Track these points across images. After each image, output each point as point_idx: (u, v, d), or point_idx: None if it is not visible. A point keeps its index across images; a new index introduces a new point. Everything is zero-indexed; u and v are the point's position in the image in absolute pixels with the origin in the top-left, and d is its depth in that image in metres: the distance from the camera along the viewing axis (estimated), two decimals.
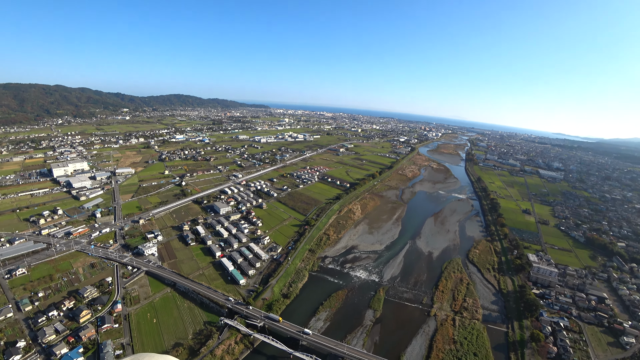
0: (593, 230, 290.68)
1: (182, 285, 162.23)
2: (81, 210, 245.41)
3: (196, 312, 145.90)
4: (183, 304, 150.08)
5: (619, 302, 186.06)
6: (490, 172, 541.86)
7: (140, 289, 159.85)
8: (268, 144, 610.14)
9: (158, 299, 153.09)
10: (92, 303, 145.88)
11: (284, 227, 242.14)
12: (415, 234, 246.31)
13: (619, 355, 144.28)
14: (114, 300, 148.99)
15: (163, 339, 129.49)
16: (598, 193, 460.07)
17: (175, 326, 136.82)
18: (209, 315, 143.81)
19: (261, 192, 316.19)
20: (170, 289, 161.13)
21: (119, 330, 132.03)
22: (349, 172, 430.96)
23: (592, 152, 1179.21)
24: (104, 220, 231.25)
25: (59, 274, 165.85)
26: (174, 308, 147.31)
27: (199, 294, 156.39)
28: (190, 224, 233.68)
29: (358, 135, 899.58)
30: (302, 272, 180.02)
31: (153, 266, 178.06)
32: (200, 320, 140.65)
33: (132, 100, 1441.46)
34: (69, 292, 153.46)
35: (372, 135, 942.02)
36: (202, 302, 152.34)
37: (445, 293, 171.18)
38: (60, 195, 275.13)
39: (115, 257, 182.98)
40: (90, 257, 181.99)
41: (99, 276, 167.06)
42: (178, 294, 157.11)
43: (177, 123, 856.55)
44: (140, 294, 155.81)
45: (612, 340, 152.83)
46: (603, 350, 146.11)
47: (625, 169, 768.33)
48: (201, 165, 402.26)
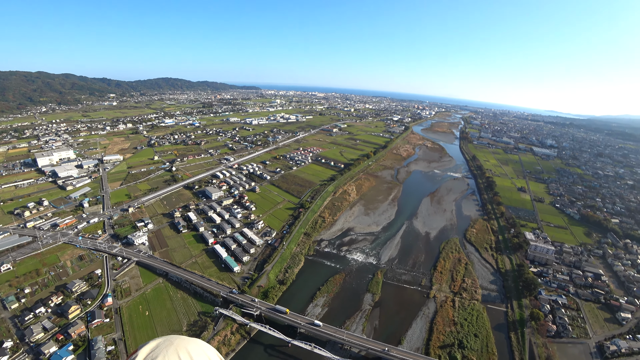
0: (587, 207, 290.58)
1: (175, 275, 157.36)
2: (68, 200, 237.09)
3: (190, 302, 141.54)
4: (176, 295, 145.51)
5: (614, 278, 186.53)
6: (485, 150, 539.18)
7: (131, 280, 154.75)
8: (260, 126, 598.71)
9: (150, 290, 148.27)
10: (81, 297, 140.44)
11: (278, 210, 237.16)
12: (411, 214, 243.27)
13: (615, 331, 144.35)
14: (104, 294, 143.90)
15: (156, 331, 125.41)
16: (591, 170, 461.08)
17: (169, 318, 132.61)
18: (203, 306, 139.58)
19: (254, 175, 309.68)
20: (163, 279, 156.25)
21: (110, 325, 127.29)
22: (343, 152, 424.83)
23: (584, 129, 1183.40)
24: (92, 210, 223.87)
25: (45, 268, 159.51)
26: (166, 299, 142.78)
27: (192, 283, 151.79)
28: (181, 210, 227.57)
29: (351, 115, 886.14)
30: (298, 256, 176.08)
31: (144, 256, 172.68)
32: (195, 311, 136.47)
33: (118, 85, 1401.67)
34: (56, 286, 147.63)
35: (366, 114, 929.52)
36: (195, 292, 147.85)
37: (444, 274, 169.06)
38: (45, 185, 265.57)
39: (105, 248, 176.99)
40: (78, 249, 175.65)
41: (87, 269, 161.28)
42: (170, 284, 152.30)
43: (166, 107, 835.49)
44: (131, 285, 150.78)
45: (609, 317, 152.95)
46: (600, 327, 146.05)
47: (616, 145, 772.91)
48: (192, 150, 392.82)
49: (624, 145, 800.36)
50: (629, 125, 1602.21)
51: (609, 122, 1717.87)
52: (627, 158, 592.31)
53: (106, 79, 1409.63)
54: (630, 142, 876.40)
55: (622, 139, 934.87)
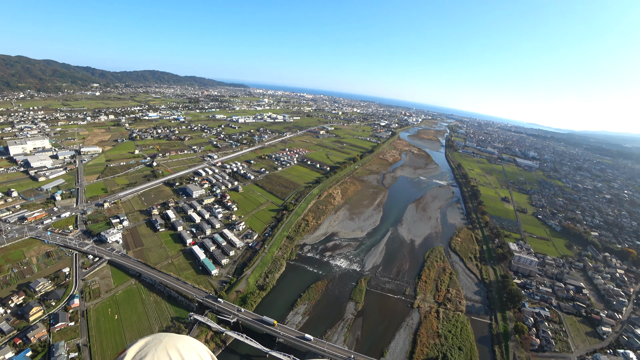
0: (568, 219, 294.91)
1: (149, 277, 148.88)
2: (39, 192, 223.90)
3: (163, 306, 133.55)
4: (149, 298, 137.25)
5: (594, 291, 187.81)
6: (470, 159, 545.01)
7: (101, 280, 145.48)
8: (246, 124, 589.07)
9: (121, 292, 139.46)
10: (45, 298, 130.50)
11: (260, 211, 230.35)
12: (397, 221, 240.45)
13: (597, 345, 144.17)
14: (70, 294, 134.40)
15: (125, 337, 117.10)
16: (571, 183, 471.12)
17: (139, 323, 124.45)
18: (177, 310, 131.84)
19: (237, 174, 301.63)
20: (135, 280, 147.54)
21: (74, 329, 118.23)
22: (329, 155, 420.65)
23: (564, 142, 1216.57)
24: (65, 204, 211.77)
25: (8, 264, 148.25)
26: (138, 302, 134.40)
27: (167, 286, 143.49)
28: (159, 207, 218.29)
29: (339, 118, 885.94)
30: (280, 261, 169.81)
31: (117, 255, 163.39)
32: (168, 316, 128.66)
33: (103, 75, 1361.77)
34: (19, 285, 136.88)
35: (353, 118, 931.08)
36: (170, 296, 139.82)
37: (429, 283, 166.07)
38: (16, 175, 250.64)
39: (75, 244, 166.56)
40: (46, 245, 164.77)
41: (55, 267, 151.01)
42: (143, 287, 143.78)
43: (151, 100, 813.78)
44: (101, 286, 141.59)
45: (590, 330, 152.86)
46: (582, 340, 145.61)
47: (594, 160, 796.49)
48: (175, 145, 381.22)
49: (601, 160, 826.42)
50: (606, 141, 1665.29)
51: (587, 137, 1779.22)
52: (604, 172, 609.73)
53: (90, 68, 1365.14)
54: (607, 158, 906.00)
55: (600, 154, 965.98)
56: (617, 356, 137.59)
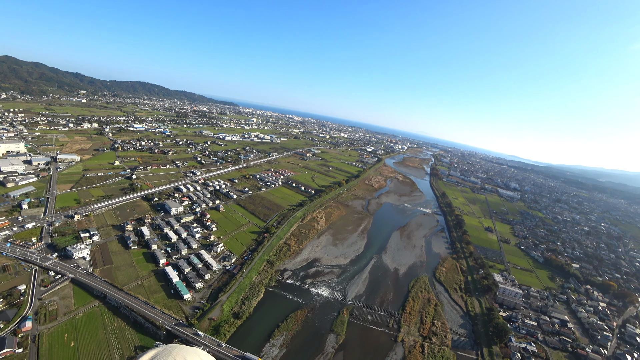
0: (550, 251, 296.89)
1: (114, 299, 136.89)
2: (5, 198, 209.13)
3: (127, 333, 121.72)
4: (112, 323, 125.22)
5: (579, 325, 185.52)
6: (454, 187, 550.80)
7: (61, 301, 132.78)
8: (233, 142, 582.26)
9: (81, 315, 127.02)
10: None
11: (241, 233, 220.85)
12: (381, 248, 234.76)
13: None
14: (23, 316, 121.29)
15: None
16: (551, 214, 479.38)
17: (99, 352, 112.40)
18: (142, 339, 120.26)
19: (219, 192, 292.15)
20: (99, 302, 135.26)
21: (22, 358, 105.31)
22: (315, 178, 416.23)
23: (543, 175, 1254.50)
24: (32, 213, 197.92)
25: None
26: (99, 327, 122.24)
27: (133, 310, 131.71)
28: (134, 223, 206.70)
29: (326, 142, 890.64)
30: (258, 287, 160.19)
31: (82, 273, 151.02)
32: (131, 345, 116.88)
33: (92, 82, 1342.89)
34: None
35: (340, 142, 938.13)
36: (135, 321, 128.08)
37: (413, 315, 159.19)
38: None
39: (36, 259, 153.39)
40: (3, 258, 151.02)
41: (10, 283, 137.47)
42: (107, 310, 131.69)
43: (139, 112, 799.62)
44: (59, 307, 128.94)
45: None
46: None
47: (571, 192, 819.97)
48: (157, 159, 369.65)
49: (578, 193, 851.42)
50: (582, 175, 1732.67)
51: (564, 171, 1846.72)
52: (581, 205, 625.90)
53: (79, 75, 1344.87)
54: (583, 191, 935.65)
55: (577, 187, 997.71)
56: None
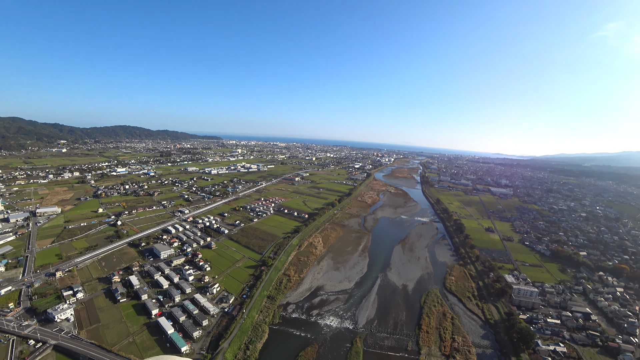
0: (554, 242, 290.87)
1: None
2: None
3: None
4: None
5: (601, 315, 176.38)
6: (446, 192, 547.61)
7: None
8: (219, 176, 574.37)
9: None
10: None
11: (236, 270, 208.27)
12: (385, 266, 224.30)
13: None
14: None
15: None
16: (546, 205, 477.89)
17: None
18: None
19: (210, 229, 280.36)
20: None
21: None
22: (307, 201, 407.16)
23: (529, 168, 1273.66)
24: (9, 275, 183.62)
25: None
26: None
27: None
28: (121, 273, 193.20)
29: (313, 164, 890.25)
30: (261, 326, 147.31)
31: (65, 337, 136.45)
32: None
33: (71, 131, 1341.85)
34: None
35: (327, 163, 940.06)
36: None
37: (431, 333, 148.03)
38: None
39: (13, 327, 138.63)
40: None
41: None
42: None
43: (121, 155, 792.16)
44: None
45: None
46: None
47: (560, 181, 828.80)
48: (143, 201, 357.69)
49: (567, 180, 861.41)
50: (566, 162, 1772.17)
51: (549, 161, 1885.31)
52: (573, 192, 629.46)
53: (58, 125, 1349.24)
54: (572, 178, 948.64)
55: (564, 175, 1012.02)
56: None
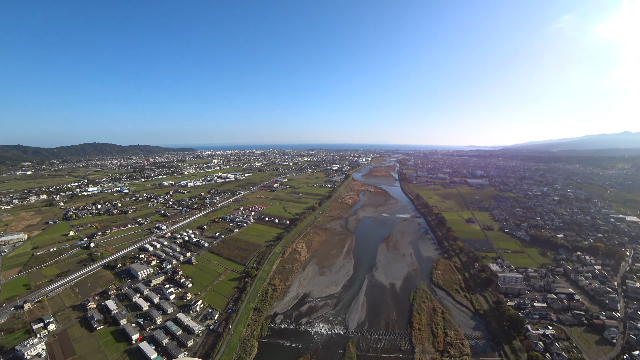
0: (532, 227, 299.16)
1: None
2: None
3: None
4: None
5: (583, 293, 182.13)
6: (425, 187, 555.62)
7: None
8: (196, 188, 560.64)
9: None
10: None
11: (220, 283, 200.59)
12: (371, 266, 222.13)
13: (612, 353, 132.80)
14: None
15: None
16: (521, 192, 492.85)
17: None
18: None
19: (189, 243, 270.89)
20: None
21: None
22: (287, 207, 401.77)
23: (502, 157, 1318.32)
24: None
25: None
26: None
27: None
28: (97, 299, 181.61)
29: (290, 169, 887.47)
30: (249, 341, 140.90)
31: None
32: None
33: (36, 152, 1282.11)
34: None
35: (305, 167, 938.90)
36: None
37: (423, 330, 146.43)
38: None
39: None
40: None
41: None
42: None
43: (92, 174, 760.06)
44: None
45: (598, 338, 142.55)
46: (595, 352, 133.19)
47: (532, 168, 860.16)
48: (117, 220, 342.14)
49: (538, 167, 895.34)
50: (536, 149, 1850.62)
51: (519, 150, 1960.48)
52: (544, 177, 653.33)
53: (21, 146, 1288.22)
54: (542, 164, 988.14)
55: (535, 162, 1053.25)
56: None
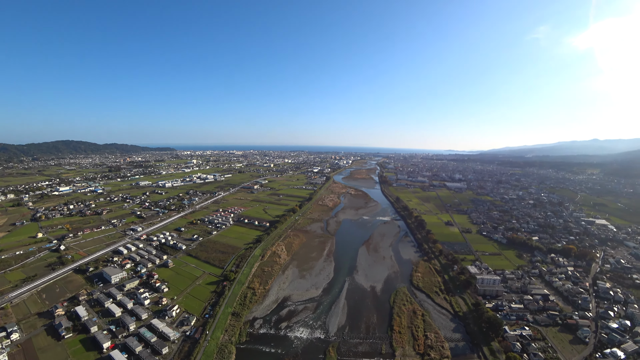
0: (509, 230, 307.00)
1: None
2: None
3: None
4: None
5: (557, 294, 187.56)
6: (405, 190, 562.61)
7: None
8: (174, 189, 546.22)
9: None
10: None
11: (197, 287, 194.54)
12: (351, 269, 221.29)
13: (585, 352, 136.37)
14: None
15: None
16: (498, 196, 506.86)
17: None
18: None
19: (166, 245, 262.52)
20: None
21: None
22: (267, 209, 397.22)
23: (479, 162, 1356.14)
24: None
25: None
26: None
27: None
28: (66, 305, 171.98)
29: (271, 171, 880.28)
30: (227, 347, 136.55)
31: None
32: None
33: (4, 149, 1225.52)
34: None
35: (286, 169, 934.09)
36: None
37: (403, 333, 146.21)
38: None
39: None
40: None
41: None
42: None
43: (64, 173, 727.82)
44: None
45: (572, 337, 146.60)
46: (570, 352, 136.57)
47: (508, 172, 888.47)
48: (90, 221, 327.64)
49: (514, 171, 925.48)
50: (511, 155, 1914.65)
51: (496, 155, 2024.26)
52: (520, 182, 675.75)
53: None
54: (517, 169, 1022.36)
55: (510, 167, 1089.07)
56: (607, 358, 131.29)
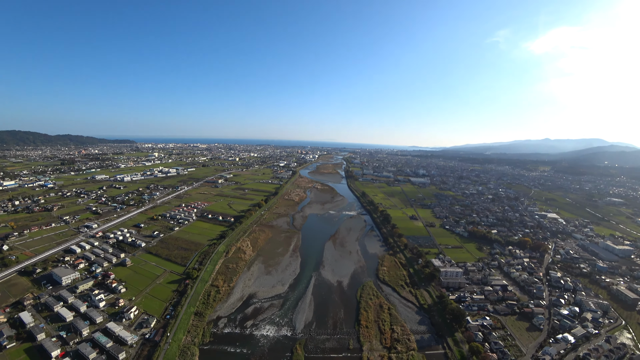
0: (470, 224, 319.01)
1: None
2: None
3: None
4: None
5: (515, 284, 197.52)
6: (370, 185, 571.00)
7: None
8: (134, 183, 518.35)
9: None
10: None
11: (157, 287, 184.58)
12: (318, 263, 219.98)
13: (540, 338, 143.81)
14: None
15: None
16: (459, 191, 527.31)
17: None
18: None
19: (124, 243, 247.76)
20: None
21: None
22: (232, 204, 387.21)
23: (442, 158, 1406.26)
24: None
25: None
26: None
27: None
28: (9, 311, 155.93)
29: (236, 165, 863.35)
30: (190, 349, 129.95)
31: None
32: None
33: None
34: None
35: (252, 162, 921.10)
36: None
37: (370, 328, 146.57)
38: None
39: None
40: None
41: None
42: None
43: (9, 166, 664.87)
44: None
45: (528, 325, 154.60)
46: (526, 339, 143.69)
47: (468, 168, 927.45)
48: (38, 218, 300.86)
49: (474, 168, 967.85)
50: (472, 152, 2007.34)
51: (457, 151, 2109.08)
52: (479, 177, 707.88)
53: None
54: (477, 165, 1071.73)
55: (471, 163, 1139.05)
56: (558, 342, 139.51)
